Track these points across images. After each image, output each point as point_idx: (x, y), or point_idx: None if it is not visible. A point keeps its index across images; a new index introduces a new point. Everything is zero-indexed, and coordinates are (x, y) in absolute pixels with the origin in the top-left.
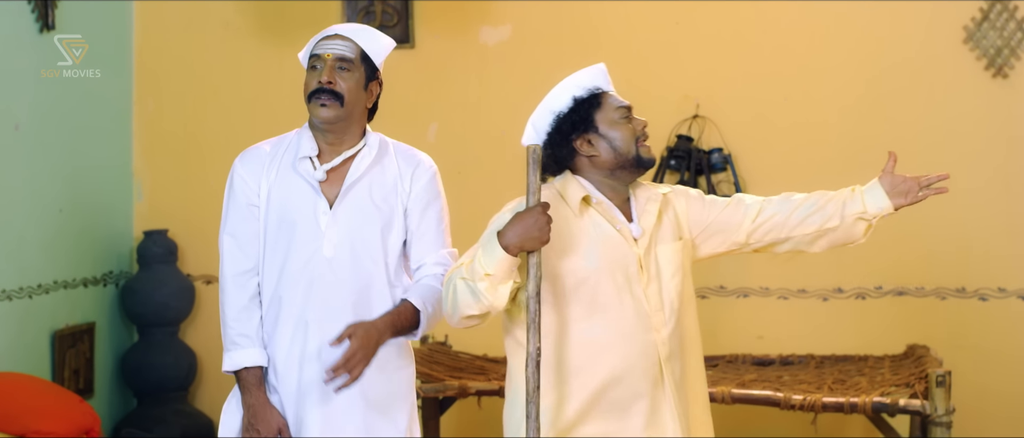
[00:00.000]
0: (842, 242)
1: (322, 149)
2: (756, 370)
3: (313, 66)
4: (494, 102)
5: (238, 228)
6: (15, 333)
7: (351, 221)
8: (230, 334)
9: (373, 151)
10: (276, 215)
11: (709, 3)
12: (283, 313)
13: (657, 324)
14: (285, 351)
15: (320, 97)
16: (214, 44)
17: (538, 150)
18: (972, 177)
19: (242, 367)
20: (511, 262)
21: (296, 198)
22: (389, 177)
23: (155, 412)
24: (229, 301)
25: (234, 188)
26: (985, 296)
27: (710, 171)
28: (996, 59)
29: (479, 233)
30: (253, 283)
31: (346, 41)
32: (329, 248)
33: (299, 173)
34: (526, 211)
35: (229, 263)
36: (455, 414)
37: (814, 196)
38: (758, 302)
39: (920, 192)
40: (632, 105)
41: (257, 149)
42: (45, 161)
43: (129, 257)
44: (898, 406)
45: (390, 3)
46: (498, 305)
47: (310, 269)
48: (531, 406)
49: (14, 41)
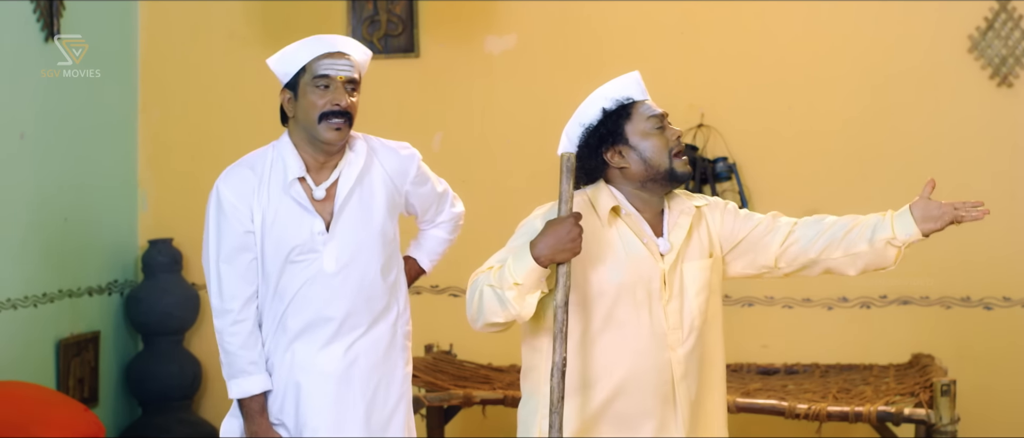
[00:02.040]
0: (874, 267)
1: (310, 165)
2: (761, 379)
3: (322, 85)
4: (499, 111)
5: (235, 256)
6: (20, 342)
7: (350, 234)
8: (238, 362)
9: (361, 157)
10: (273, 241)
11: (713, 12)
12: (290, 332)
13: (673, 342)
14: (296, 366)
15: (334, 120)
16: (219, 54)
17: (572, 158)
18: (977, 186)
19: (251, 395)
20: (541, 272)
21: (292, 223)
22: (378, 178)
23: (159, 421)
24: (233, 330)
25: (225, 214)
26: (990, 305)
27: (715, 180)
28: (1001, 68)
29: (484, 242)
30: (253, 308)
31: (349, 60)
32: (331, 263)
33: (291, 196)
34: (558, 221)
35: (229, 292)
36: (460, 423)
37: (845, 219)
38: (763, 311)
39: (953, 216)
40: (667, 113)
41: (240, 173)
42: (50, 170)
43: (134, 266)
44: (903, 415)
45: (395, 12)
46: (525, 314)
47: (315, 286)
48: (554, 416)
49: (19, 49)
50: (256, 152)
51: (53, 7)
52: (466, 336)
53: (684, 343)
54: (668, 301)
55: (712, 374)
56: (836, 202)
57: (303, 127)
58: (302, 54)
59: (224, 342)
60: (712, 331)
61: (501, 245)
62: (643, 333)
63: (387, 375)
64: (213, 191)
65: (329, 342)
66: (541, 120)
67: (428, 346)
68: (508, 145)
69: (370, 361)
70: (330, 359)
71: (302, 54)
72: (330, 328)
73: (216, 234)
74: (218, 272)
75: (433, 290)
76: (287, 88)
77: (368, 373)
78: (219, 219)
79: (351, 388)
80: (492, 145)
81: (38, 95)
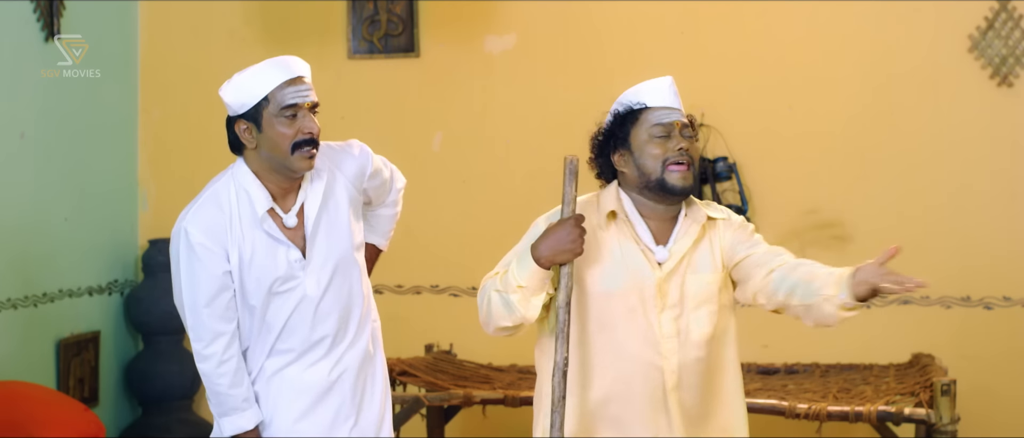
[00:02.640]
0: (821, 323)
1: (274, 193)
2: (761, 379)
3: (290, 115)
4: (499, 111)
5: (216, 298)
6: (20, 342)
7: (326, 255)
8: (230, 402)
9: (322, 173)
10: (253, 277)
11: (713, 12)
12: (283, 358)
13: (666, 352)
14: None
15: (307, 149)
16: (220, 53)
17: (575, 161)
18: (977, 186)
19: (245, 431)
20: (542, 274)
21: (268, 257)
22: (341, 187)
23: (160, 421)
24: (220, 371)
25: (198, 258)
26: (990, 305)
27: (715, 180)
28: (1001, 68)
29: (483, 242)
30: (236, 345)
31: (307, 83)
32: (313, 288)
33: (264, 230)
34: (559, 223)
35: (210, 335)
36: (460, 423)
37: (805, 267)
38: (763, 311)
39: (878, 288)
40: (686, 124)
41: (208, 214)
42: (50, 170)
43: (134, 266)
44: (903, 415)
45: (395, 12)
46: (530, 316)
47: (303, 312)
48: (555, 415)
49: (19, 49)
50: (216, 185)
51: (53, 7)
52: (466, 336)
53: (678, 353)
54: (662, 310)
55: (721, 387)
56: (836, 202)
57: (269, 157)
58: (262, 84)
59: (212, 384)
60: (720, 345)
61: (501, 244)
62: (633, 339)
63: (372, 374)
64: (179, 234)
65: (320, 360)
66: (541, 120)
67: (428, 346)
68: (508, 145)
69: (357, 365)
70: (319, 373)
71: (262, 84)
72: (322, 347)
73: (190, 279)
74: (197, 317)
75: (433, 290)
76: (243, 118)
77: (356, 378)
78: (192, 263)
79: (342, 396)
80: (492, 145)
81: (38, 95)
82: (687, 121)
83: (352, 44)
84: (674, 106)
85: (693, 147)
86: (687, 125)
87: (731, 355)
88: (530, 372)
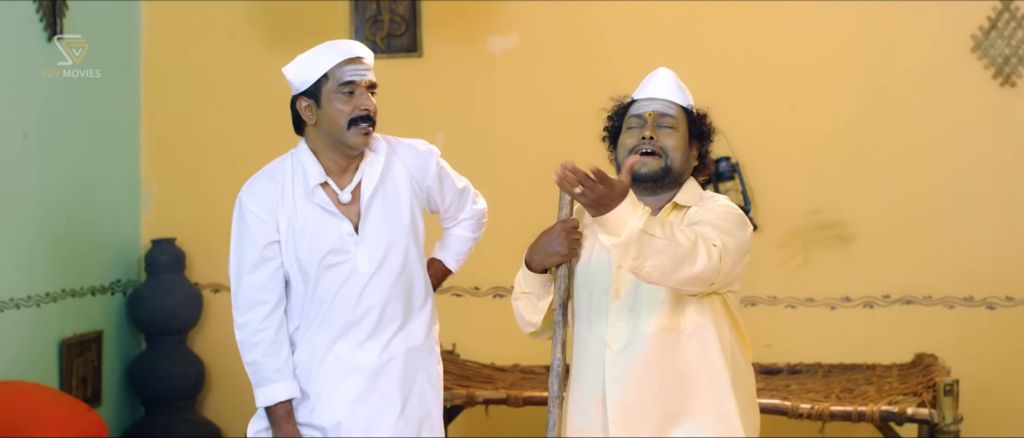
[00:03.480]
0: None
1: (330, 169)
2: (764, 379)
3: (348, 92)
4: (502, 110)
5: (257, 267)
6: (23, 342)
7: (380, 232)
8: (264, 371)
9: (381, 156)
10: (305, 247)
11: (716, 11)
12: (332, 332)
13: (611, 341)
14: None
15: (362, 125)
16: (222, 53)
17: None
18: (979, 185)
19: (277, 402)
20: (538, 278)
21: (320, 228)
22: (400, 176)
23: (163, 420)
24: (255, 340)
25: (249, 227)
26: (993, 305)
27: (718, 180)
28: (1004, 68)
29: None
30: (276, 318)
31: (366, 64)
32: (364, 263)
33: (315, 202)
34: (549, 228)
35: (250, 303)
36: (463, 423)
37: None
38: (765, 311)
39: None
40: (658, 113)
41: (262, 184)
42: (53, 170)
43: (137, 266)
44: (906, 415)
45: (398, 12)
46: (535, 321)
47: (353, 286)
48: (550, 415)
49: (22, 49)
50: (275, 162)
51: (56, 7)
52: (469, 336)
53: (628, 345)
54: (614, 301)
55: (695, 382)
56: (839, 202)
57: (327, 133)
58: (322, 62)
59: (248, 353)
60: (693, 339)
61: (504, 245)
62: (587, 329)
63: (425, 372)
64: (236, 203)
65: (368, 338)
66: (544, 120)
67: None
68: (511, 145)
69: (408, 356)
70: (368, 354)
71: (322, 62)
72: (368, 325)
73: (238, 246)
74: (239, 284)
75: (435, 290)
76: (305, 96)
77: (405, 367)
78: (242, 231)
79: (389, 381)
80: (495, 145)
81: (41, 95)
82: (672, 111)
83: None
84: (657, 96)
85: (668, 135)
86: (665, 114)
87: (712, 345)
88: (533, 372)
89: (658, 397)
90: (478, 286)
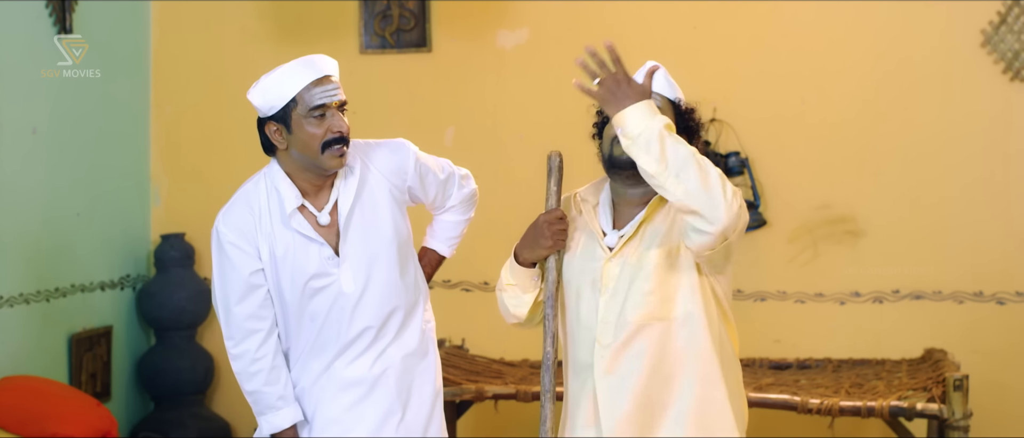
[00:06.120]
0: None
1: (306, 190)
2: (773, 374)
3: (319, 115)
4: (511, 106)
5: (248, 296)
6: (33, 336)
7: (360, 251)
8: (266, 399)
9: (355, 170)
10: (288, 273)
11: (726, 7)
12: (327, 352)
13: (601, 336)
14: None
15: (337, 147)
16: (231, 48)
17: (557, 157)
18: (989, 180)
19: (281, 430)
20: (525, 271)
21: (301, 256)
22: (377, 184)
23: (172, 415)
24: (253, 370)
25: (228, 257)
26: (1003, 300)
27: (727, 175)
28: (1014, 63)
29: (495, 237)
30: (273, 341)
31: (335, 81)
32: (349, 284)
33: (294, 229)
34: (534, 221)
35: (247, 331)
36: (472, 418)
37: None
38: (775, 306)
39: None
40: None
41: (238, 213)
42: (63, 165)
43: (146, 261)
44: (915, 410)
45: (407, 7)
46: (519, 314)
47: (342, 307)
48: (544, 410)
49: (32, 45)
50: (248, 185)
51: (65, 4)
52: (478, 331)
53: (616, 338)
54: (602, 293)
55: (685, 371)
56: (848, 197)
57: (301, 157)
58: (289, 86)
59: (247, 383)
60: (685, 328)
61: (514, 239)
62: (579, 323)
63: (422, 374)
64: (214, 233)
65: (362, 353)
66: (553, 115)
67: (440, 341)
68: (520, 140)
69: (404, 362)
70: (362, 367)
71: (289, 86)
72: (363, 342)
73: (222, 278)
74: (229, 315)
75: (445, 285)
76: (273, 121)
77: (401, 375)
78: (223, 263)
79: (387, 391)
80: (504, 140)
81: (51, 91)
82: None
83: (364, 39)
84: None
85: None
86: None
87: (704, 337)
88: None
89: (649, 388)
90: (487, 281)
